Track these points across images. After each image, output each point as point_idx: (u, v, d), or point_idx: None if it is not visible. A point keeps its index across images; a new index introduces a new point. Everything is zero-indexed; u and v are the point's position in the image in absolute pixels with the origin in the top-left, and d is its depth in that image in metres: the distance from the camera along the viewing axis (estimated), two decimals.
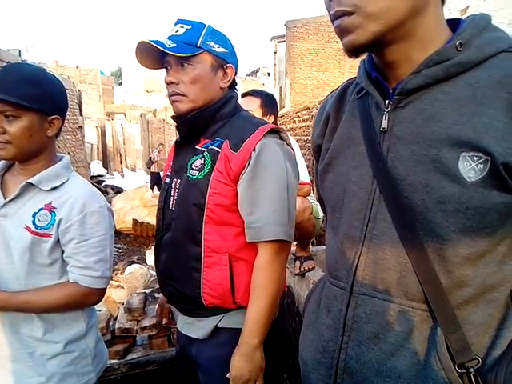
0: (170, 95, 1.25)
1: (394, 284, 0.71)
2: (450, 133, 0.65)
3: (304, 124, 7.36)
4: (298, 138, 7.32)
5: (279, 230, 1.18)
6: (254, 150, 1.17)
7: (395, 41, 0.68)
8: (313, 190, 3.37)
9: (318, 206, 2.45)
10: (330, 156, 0.86)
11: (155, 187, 11.33)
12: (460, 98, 0.66)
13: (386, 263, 0.72)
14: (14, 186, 1.23)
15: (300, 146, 5.36)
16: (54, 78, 1.25)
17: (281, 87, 16.42)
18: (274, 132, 1.24)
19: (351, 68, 15.05)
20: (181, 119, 1.28)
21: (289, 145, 1.29)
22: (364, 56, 0.79)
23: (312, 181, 5.61)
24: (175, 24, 1.25)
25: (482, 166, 0.62)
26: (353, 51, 0.69)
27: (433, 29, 0.68)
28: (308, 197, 2.43)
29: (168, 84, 1.24)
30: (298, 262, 2.51)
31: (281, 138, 1.26)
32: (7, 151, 1.17)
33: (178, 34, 1.21)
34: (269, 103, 2.28)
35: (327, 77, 15.38)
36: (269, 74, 21.95)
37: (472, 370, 0.65)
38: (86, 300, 1.28)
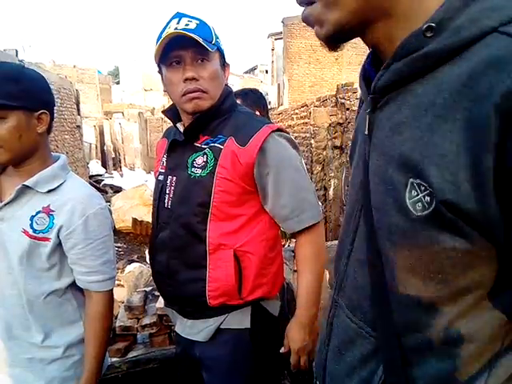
0: (186, 92, 1.18)
1: (357, 305, 0.65)
2: (403, 150, 0.52)
3: (302, 121, 7.35)
4: (296, 135, 7.32)
5: (316, 213, 1.25)
6: (262, 144, 1.17)
7: (368, 23, 0.54)
8: None
9: None
10: (350, 148, 0.78)
11: None
12: (422, 105, 0.50)
13: (355, 283, 0.66)
14: (10, 188, 1.19)
15: (298, 143, 5.37)
16: (34, 71, 1.21)
17: (279, 84, 16.40)
18: (279, 130, 1.26)
19: (349, 64, 15.03)
20: (177, 119, 1.28)
21: (293, 141, 1.32)
22: None
23: (311, 178, 5.59)
24: (178, 17, 1.18)
25: (428, 198, 0.48)
26: (325, 43, 0.58)
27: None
28: None
29: (187, 80, 1.17)
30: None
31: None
32: (0, 156, 1.13)
33: (191, 28, 1.14)
34: (249, 100, 2.27)
35: (325, 73, 15.36)
36: (266, 72, 21.91)
37: None
38: (111, 304, 1.29)
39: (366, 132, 0.61)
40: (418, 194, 0.49)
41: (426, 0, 0.50)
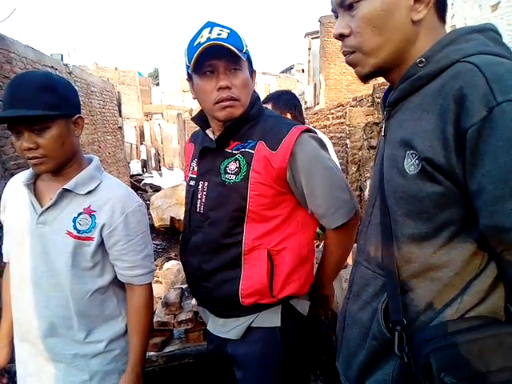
0: (219, 100, 1.21)
1: (372, 256, 0.90)
2: (403, 136, 0.80)
3: (338, 121, 7.27)
4: (332, 135, 7.24)
5: (349, 210, 1.26)
6: (293, 148, 1.20)
7: (393, 66, 0.85)
8: None
9: None
10: (375, 158, 1.05)
11: None
12: (416, 107, 0.79)
13: (371, 240, 0.91)
14: (49, 192, 1.23)
15: (333, 143, 5.32)
16: (62, 78, 1.24)
17: (315, 84, 16.24)
18: (307, 130, 1.28)
19: None
20: (207, 126, 1.32)
21: (321, 140, 1.33)
22: None
23: (346, 178, 5.51)
24: (210, 26, 1.20)
25: (417, 161, 0.75)
26: (361, 79, 0.89)
27: (424, 50, 0.80)
28: None
29: (220, 89, 1.20)
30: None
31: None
32: (45, 165, 1.16)
33: (223, 37, 1.17)
34: (281, 102, 2.28)
35: None
36: (303, 71, 21.74)
37: (399, 328, 0.78)
38: (152, 296, 1.34)
39: (383, 134, 0.91)
40: (411, 160, 0.76)
41: (421, 51, 0.81)
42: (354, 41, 0.83)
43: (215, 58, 1.18)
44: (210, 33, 1.18)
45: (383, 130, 0.91)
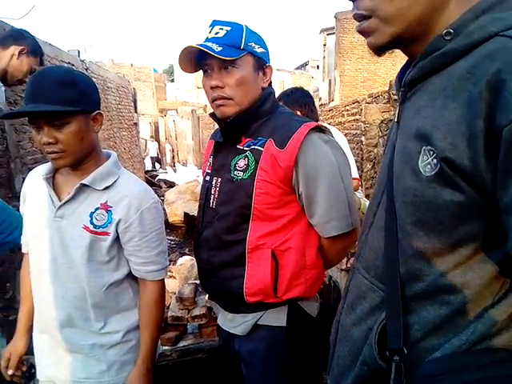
0: (213, 99, 1.24)
1: (372, 264, 0.77)
2: (420, 126, 0.64)
3: (353, 118, 7.21)
4: (347, 131, 7.19)
5: (341, 224, 1.22)
6: (300, 147, 1.17)
7: (415, 37, 0.68)
8: (361, 185, 3.30)
9: (366, 202, 2.42)
10: (385, 146, 0.91)
11: None
12: (437, 90, 0.63)
13: (372, 245, 0.78)
14: (67, 187, 1.24)
15: (349, 140, 5.28)
16: (83, 73, 1.25)
17: (330, 80, 16.12)
18: (318, 128, 1.25)
19: (403, 58, 14.43)
20: (223, 122, 1.29)
21: (332, 142, 1.28)
22: None
23: (361, 176, 5.48)
24: (212, 25, 1.23)
25: (435, 161, 0.60)
26: (375, 51, 0.72)
27: (455, 18, 0.63)
28: (356, 192, 2.42)
29: (212, 88, 1.22)
30: (344, 258, 2.51)
31: (324, 133, 1.26)
32: (64, 160, 1.17)
33: (220, 36, 1.19)
34: (291, 100, 2.28)
35: (378, 68, 14.91)
36: (318, 67, 21.61)
37: (397, 358, 0.66)
38: (164, 291, 1.36)
39: (396, 120, 0.75)
40: (427, 158, 0.61)
41: (451, 20, 0.63)
42: (370, 2, 0.66)
43: (209, 57, 1.18)
44: (209, 32, 1.21)
45: (396, 114, 0.75)
